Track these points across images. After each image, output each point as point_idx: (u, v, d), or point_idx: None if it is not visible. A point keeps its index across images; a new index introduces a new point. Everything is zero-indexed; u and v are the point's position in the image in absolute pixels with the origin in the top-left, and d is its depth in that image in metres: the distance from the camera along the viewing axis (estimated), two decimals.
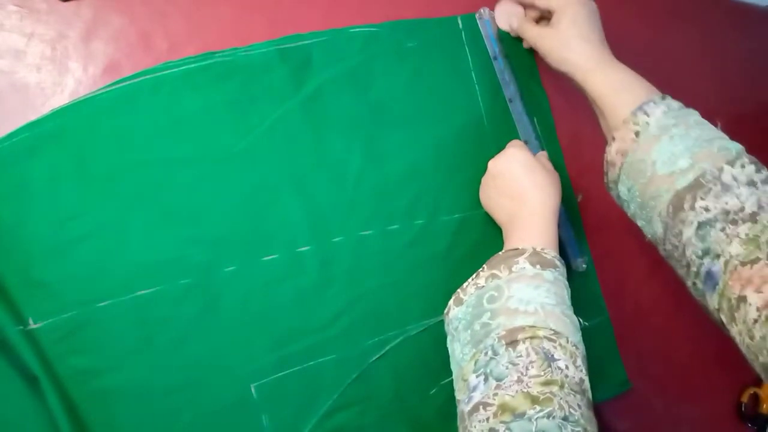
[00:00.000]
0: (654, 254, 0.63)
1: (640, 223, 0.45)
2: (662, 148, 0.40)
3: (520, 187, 0.48)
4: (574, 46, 0.47)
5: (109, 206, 0.44)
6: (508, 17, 0.56)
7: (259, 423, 0.45)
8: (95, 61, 0.46)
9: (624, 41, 0.66)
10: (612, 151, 0.44)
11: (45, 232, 0.43)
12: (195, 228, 0.46)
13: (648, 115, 0.42)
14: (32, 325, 0.42)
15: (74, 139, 0.44)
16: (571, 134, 0.60)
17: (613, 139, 0.44)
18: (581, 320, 0.55)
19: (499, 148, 0.56)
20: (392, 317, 0.50)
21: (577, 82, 0.48)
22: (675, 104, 0.43)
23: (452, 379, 0.51)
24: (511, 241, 0.47)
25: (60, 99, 0.45)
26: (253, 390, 0.46)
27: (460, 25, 0.56)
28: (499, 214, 0.51)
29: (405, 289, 0.51)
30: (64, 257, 0.43)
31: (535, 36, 0.51)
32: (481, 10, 0.57)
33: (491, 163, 0.51)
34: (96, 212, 0.44)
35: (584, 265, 0.57)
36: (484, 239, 0.54)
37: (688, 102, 0.48)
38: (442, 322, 0.51)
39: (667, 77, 0.67)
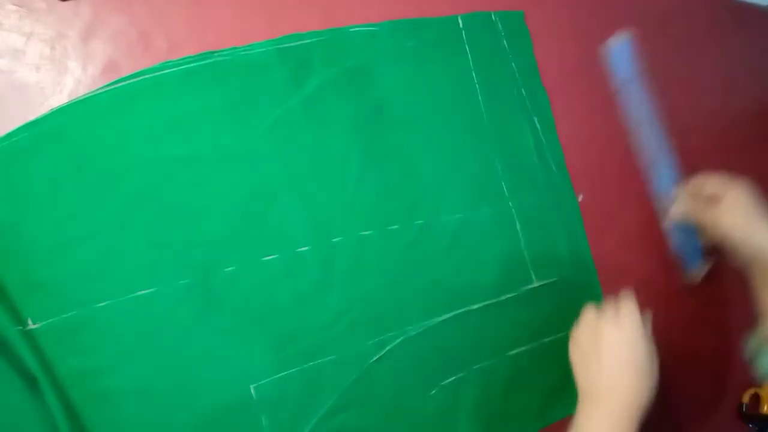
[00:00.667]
0: (654, 254, 0.63)
1: None
2: None
3: (619, 370, 0.44)
4: (762, 223, 0.51)
5: (108, 206, 0.44)
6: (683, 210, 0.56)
7: (259, 423, 0.45)
8: (94, 61, 0.46)
9: None
10: None
11: (44, 232, 0.43)
12: (194, 228, 0.46)
13: None
14: (31, 326, 0.42)
15: (74, 139, 0.44)
16: (570, 134, 0.60)
17: None
18: None
19: (500, 148, 0.56)
20: (392, 318, 0.50)
21: (756, 255, 0.50)
22: None
23: (452, 381, 0.51)
24: (583, 421, 0.44)
25: (59, 98, 0.45)
26: (252, 390, 0.46)
27: (461, 25, 0.56)
28: (583, 377, 0.46)
29: (405, 290, 0.51)
30: (63, 257, 0.43)
31: (717, 216, 0.53)
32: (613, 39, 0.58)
33: (603, 322, 0.47)
34: (95, 212, 0.44)
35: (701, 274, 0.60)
36: (485, 239, 0.54)
37: (689, 102, 0.48)
38: (442, 322, 0.51)
39: (668, 77, 0.68)
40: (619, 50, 0.59)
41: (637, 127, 0.59)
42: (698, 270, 0.62)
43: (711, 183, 0.55)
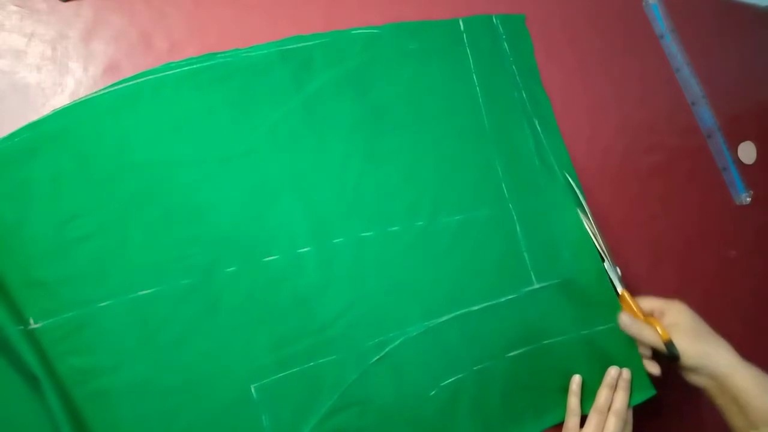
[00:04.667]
0: (654, 254, 0.63)
1: None
2: None
3: None
4: (712, 340, 0.50)
5: (109, 206, 0.44)
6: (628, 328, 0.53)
7: (259, 423, 0.45)
8: (95, 62, 0.46)
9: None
10: None
11: (46, 232, 0.43)
12: (196, 228, 0.46)
13: None
14: (33, 325, 0.42)
15: (76, 139, 0.44)
16: (570, 134, 0.60)
17: None
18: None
19: (500, 150, 0.56)
20: (392, 318, 0.50)
21: (718, 374, 0.48)
22: None
23: (451, 381, 0.51)
24: None
25: (60, 99, 0.45)
26: (253, 390, 0.46)
27: (462, 27, 0.56)
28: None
29: (405, 291, 0.51)
30: (65, 257, 0.43)
31: (664, 337, 0.51)
32: None
33: None
34: (97, 212, 0.44)
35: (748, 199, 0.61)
36: (485, 241, 0.54)
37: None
38: (442, 323, 0.51)
39: (668, 77, 0.68)
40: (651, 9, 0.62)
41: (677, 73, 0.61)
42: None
43: (647, 302, 0.54)
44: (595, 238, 0.55)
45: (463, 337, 0.52)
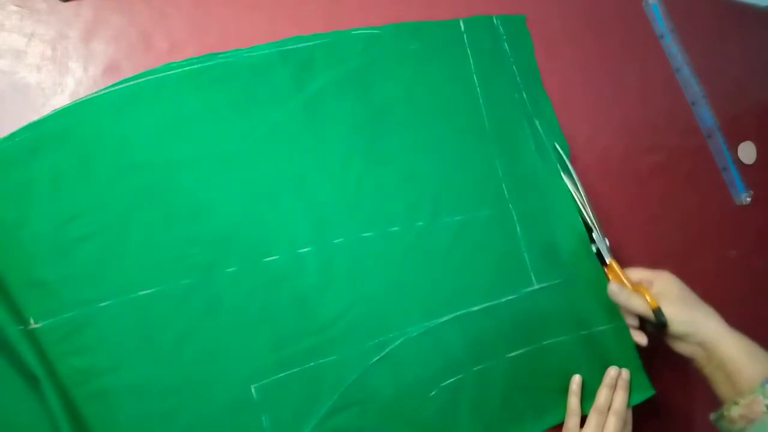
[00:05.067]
0: (654, 253, 0.63)
1: None
2: None
3: None
4: (700, 308, 0.50)
5: (110, 206, 0.44)
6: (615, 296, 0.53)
7: (259, 424, 0.46)
8: (95, 62, 0.46)
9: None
10: (734, 413, 0.46)
11: (46, 232, 0.43)
12: (196, 228, 0.46)
13: None
14: (33, 325, 0.42)
15: (76, 139, 0.44)
16: (571, 134, 0.60)
17: (736, 403, 0.45)
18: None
19: (501, 150, 0.56)
20: (393, 319, 0.50)
21: (705, 342, 0.48)
22: None
23: (451, 382, 0.51)
24: None
25: (60, 99, 0.45)
26: (253, 391, 0.46)
27: (462, 28, 0.56)
28: None
29: (405, 291, 0.51)
30: (65, 257, 0.43)
31: (652, 305, 0.51)
32: None
33: None
34: (97, 212, 0.44)
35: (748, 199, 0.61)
36: (485, 241, 0.54)
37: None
38: (442, 324, 0.51)
39: (668, 77, 0.68)
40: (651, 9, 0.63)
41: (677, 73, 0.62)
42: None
43: (635, 272, 0.54)
44: (584, 208, 0.55)
45: (463, 338, 0.52)
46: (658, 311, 0.50)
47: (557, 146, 0.57)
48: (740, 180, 0.69)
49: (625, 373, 0.55)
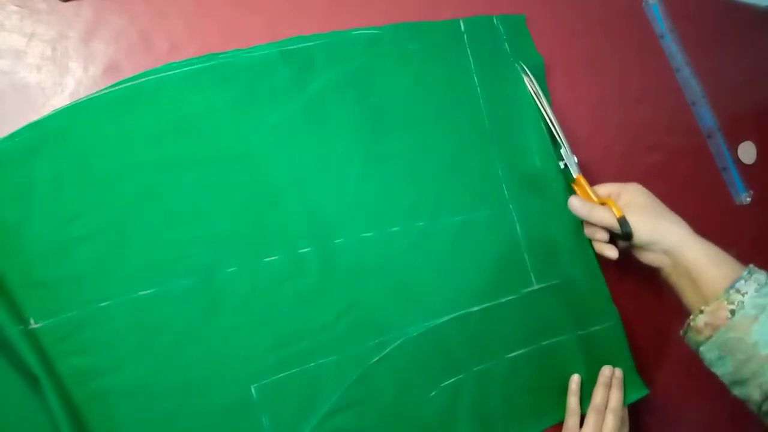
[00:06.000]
0: None
1: (725, 381, 0.46)
2: (762, 329, 0.42)
3: None
4: (666, 215, 0.50)
5: (110, 206, 0.44)
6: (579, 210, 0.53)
7: (260, 424, 0.46)
8: (95, 62, 0.46)
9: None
10: (699, 322, 0.45)
11: (47, 232, 0.43)
12: (196, 229, 0.46)
13: (741, 294, 0.43)
14: (33, 325, 0.42)
15: (77, 139, 0.44)
16: (571, 134, 0.60)
17: (701, 312, 0.45)
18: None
19: (501, 150, 0.56)
20: (393, 319, 0.50)
21: (671, 248, 0.48)
22: (762, 278, 0.44)
23: (452, 382, 0.51)
24: None
25: (60, 99, 0.45)
26: (253, 391, 0.46)
27: (462, 28, 0.56)
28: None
29: (406, 291, 0.51)
30: (65, 257, 0.43)
31: (616, 213, 0.50)
32: None
33: None
34: (98, 212, 0.44)
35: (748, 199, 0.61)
36: (485, 242, 0.54)
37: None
38: (442, 324, 0.51)
39: (668, 77, 0.68)
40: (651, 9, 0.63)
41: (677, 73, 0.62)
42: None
43: (603, 187, 0.54)
44: (552, 123, 0.55)
45: (464, 338, 0.52)
46: (622, 220, 0.49)
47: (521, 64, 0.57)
48: (740, 180, 0.69)
49: (619, 372, 0.55)
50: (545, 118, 0.56)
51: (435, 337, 0.51)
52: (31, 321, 0.42)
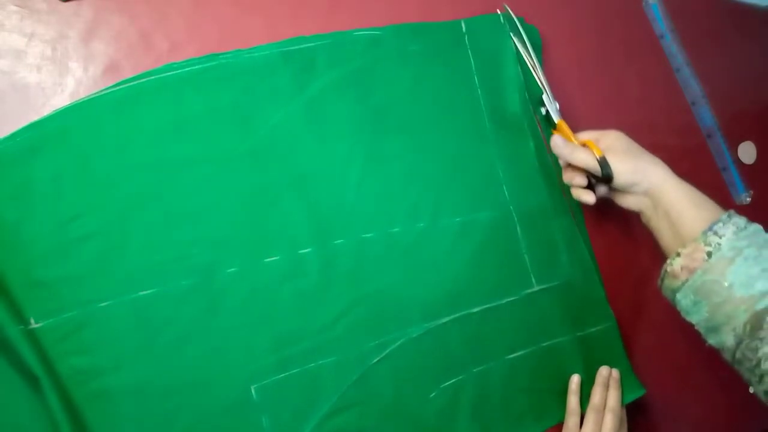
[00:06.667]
0: (654, 253, 0.63)
1: (701, 329, 0.45)
2: (738, 270, 0.42)
3: None
4: (646, 158, 0.49)
5: (111, 207, 0.44)
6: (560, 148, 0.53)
7: (259, 424, 0.46)
8: (95, 62, 0.46)
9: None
10: (676, 265, 0.45)
11: (47, 232, 0.43)
12: (197, 229, 0.46)
13: (719, 236, 0.43)
14: (33, 325, 0.42)
15: (77, 139, 0.44)
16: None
17: (678, 255, 0.45)
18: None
19: (501, 151, 0.56)
20: (393, 320, 0.50)
21: (651, 189, 0.48)
22: (741, 222, 0.44)
23: (452, 383, 0.51)
24: None
25: (60, 99, 0.45)
26: (253, 391, 0.46)
27: (464, 29, 0.56)
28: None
29: (406, 292, 0.51)
30: (66, 257, 0.43)
31: (591, 156, 0.50)
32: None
33: None
34: (98, 212, 0.44)
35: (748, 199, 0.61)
36: (485, 243, 0.54)
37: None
38: (442, 325, 0.51)
39: (668, 77, 0.68)
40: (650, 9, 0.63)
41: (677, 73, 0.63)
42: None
43: (585, 133, 0.53)
44: (534, 70, 0.56)
45: (464, 339, 0.52)
46: (603, 161, 0.49)
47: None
48: (740, 180, 0.69)
49: (615, 372, 0.55)
50: (528, 66, 0.56)
51: (435, 337, 0.51)
52: (32, 321, 0.42)
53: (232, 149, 0.47)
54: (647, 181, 0.48)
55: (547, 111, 0.55)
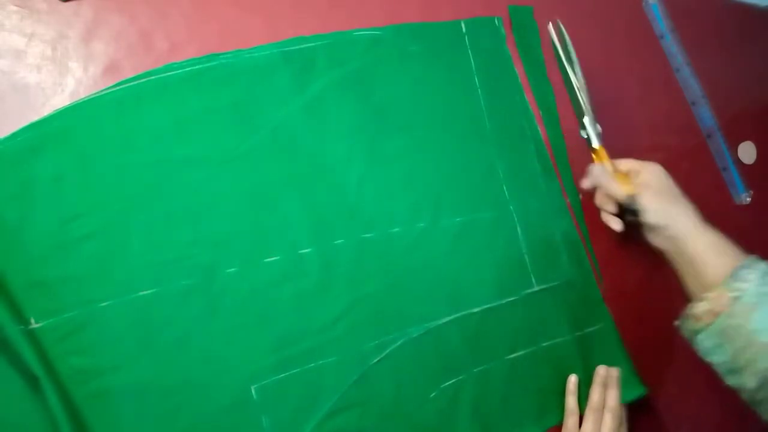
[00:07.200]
0: (654, 255, 0.63)
1: (720, 369, 0.46)
2: (762, 317, 0.42)
3: None
4: (678, 202, 0.50)
5: (111, 207, 0.44)
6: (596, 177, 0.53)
7: (259, 424, 0.46)
8: (95, 61, 0.46)
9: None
10: (700, 308, 0.46)
11: (47, 232, 0.43)
12: (197, 229, 0.46)
13: (745, 282, 0.44)
14: (33, 325, 0.42)
15: (78, 139, 0.44)
16: (571, 134, 0.60)
17: (703, 299, 0.46)
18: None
19: (501, 151, 0.56)
20: (393, 320, 0.50)
21: (677, 236, 0.49)
22: (764, 267, 0.45)
23: (452, 383, 0.51)
24: None
25: (60, 99, 0.45)
26: (253, 391, 0.46)
27: (464, 29, 0.56)
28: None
29: (406, 292, 0.51)
30: (66, 257, 0.43)
31: (628, 191, 0.51)
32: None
33: None
34: (98, 212, 0.44)
35: (748, 199, 0.62)
36: (486, 243, 0.54)
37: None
38: (442, 325, 0.51)
39: (668, 77, 0.68)
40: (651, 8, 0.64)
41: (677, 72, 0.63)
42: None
43: (624, 162, 0.54)
44: (579, 92, 0.56)
45: (464, 339, 0.52)
46: (632, 197, 0.50)
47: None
48: (740, 180, 0.69)
49: (614, 370, 0.55)
50: (574, 86, 0.56)
51: (435, 338, 0.51)
52: (32, 321, 0.42)
53: (232, 149, 0.47)
54: (675, 228, 0.49)
55: (588, 134, 0.55)
